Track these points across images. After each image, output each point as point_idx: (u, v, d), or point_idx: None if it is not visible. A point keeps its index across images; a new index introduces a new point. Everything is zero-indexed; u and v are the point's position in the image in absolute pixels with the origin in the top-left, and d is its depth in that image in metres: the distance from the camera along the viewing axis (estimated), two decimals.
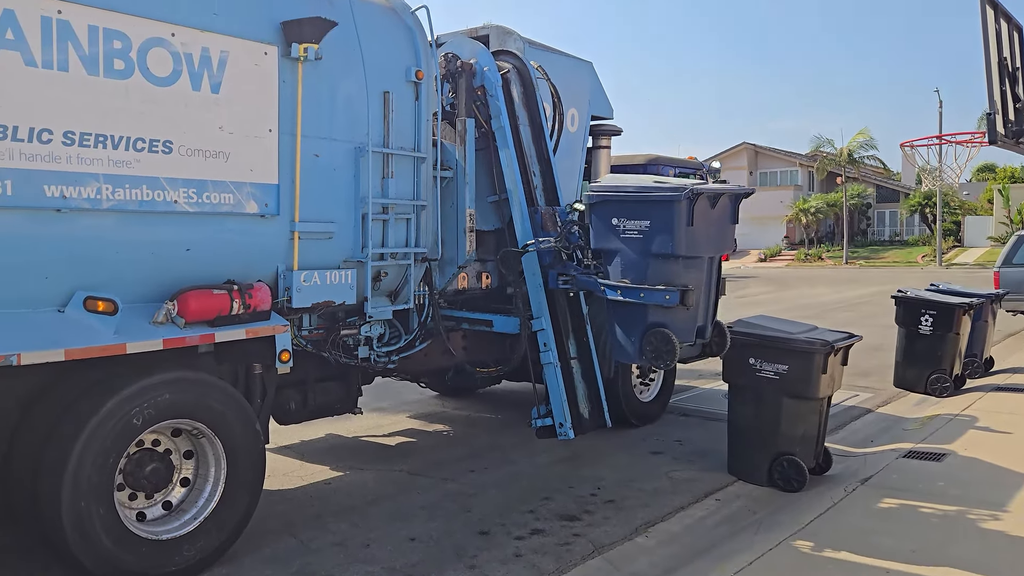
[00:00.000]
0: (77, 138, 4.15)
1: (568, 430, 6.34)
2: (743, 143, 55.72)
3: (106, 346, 4.27)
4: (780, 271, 40.45)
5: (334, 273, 5.44)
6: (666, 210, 5.30)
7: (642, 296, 5.46)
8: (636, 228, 5.44)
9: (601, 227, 5.64)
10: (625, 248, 5.49)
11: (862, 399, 9.69)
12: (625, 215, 5.45)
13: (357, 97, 5.53)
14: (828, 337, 6.32)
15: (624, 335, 5.66)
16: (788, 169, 55.77)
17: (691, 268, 5.45)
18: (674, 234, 5.28)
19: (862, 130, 46.95)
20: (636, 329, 5.55)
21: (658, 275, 5.38)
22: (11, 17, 3.88)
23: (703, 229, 5.40)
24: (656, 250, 5.35)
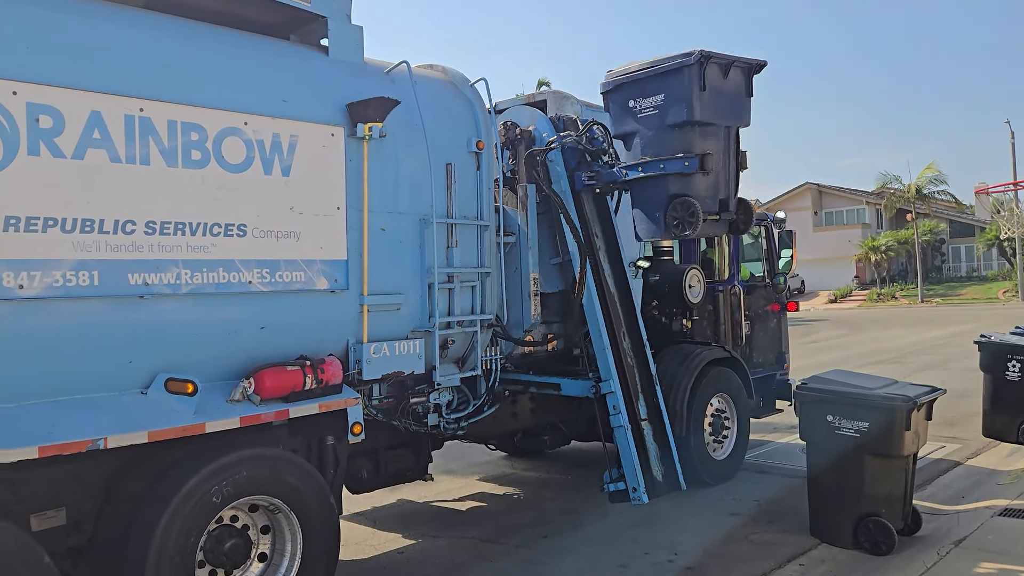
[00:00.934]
0: (158, 227, 4.34)
1: (642, 494, 6.23)
2: (806, 183, 54.90)
3: (186, 426, 4.38)
4: (852, 312, 39.32)
5: (402, 343, 5.52)
6: (678, 77, 5.40)
7: (662, 167, 5.60)
8: (651, 105, 5.58)
9: (619, 112, 5.79)
10: (643, 128, 5.61)
11: (949, 451, 9.27)
12: (640, 94, 5.60)
13: (420, 170, 5.67)
14: (910, 392, 6.09)
15: (648, 213, 5.77)
16: (854, 208, 54.60)
17: (708, 136, 5.55)
18: (688, 100, 5.38)
19: (930, 164, 45.75)
20: (659, 203, 5.62)
21: (676, 146, 5.48)
22: (98, 118, 4.12)
23: (717, 97, 5.46)
24: (672, 120, 5.46)
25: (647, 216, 5.81)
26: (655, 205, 5.71)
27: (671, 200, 5.58)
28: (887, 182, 46.75)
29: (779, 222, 9.47)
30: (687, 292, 8.14)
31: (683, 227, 5.52)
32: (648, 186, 5.77)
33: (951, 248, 54.50)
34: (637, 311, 6.96)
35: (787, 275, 9.55)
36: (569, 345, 7.30)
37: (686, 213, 5.47)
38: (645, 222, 5.86)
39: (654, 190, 5.71)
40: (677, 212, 5.52)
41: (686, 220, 5.47)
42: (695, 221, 5.44)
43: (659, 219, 5.65)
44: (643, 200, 5.87)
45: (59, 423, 4.02)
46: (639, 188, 5.83)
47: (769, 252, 9.56)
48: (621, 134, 5.90)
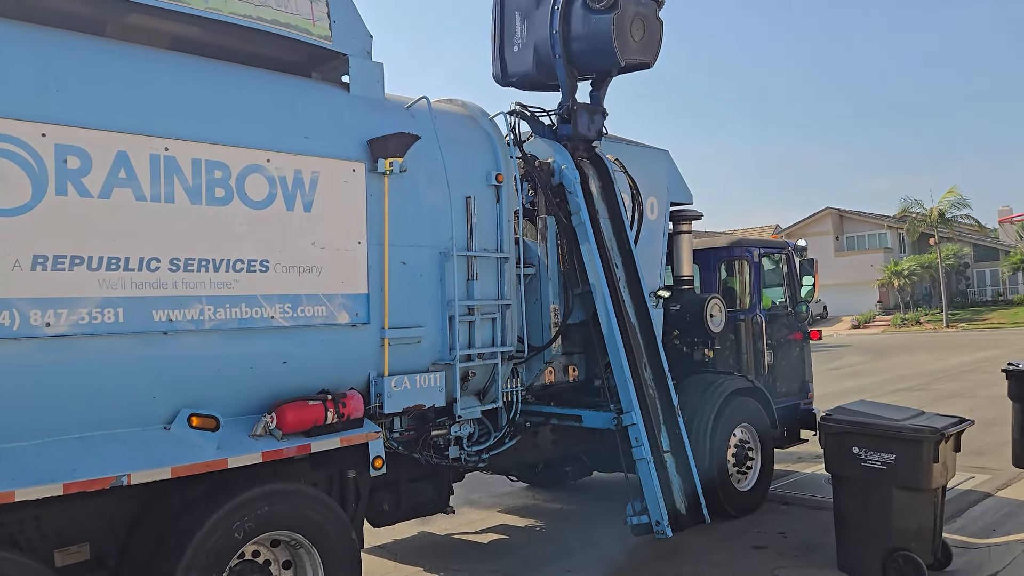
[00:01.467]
0: (182, 264, 4.39)
1: (665, 528, 6.15)
2: (826, 208, 54.65)
3: (209, 462, 4.40)
4: (876, 338, 38.87)
5: (423, 376, 5.52)
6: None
7: None
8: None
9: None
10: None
11: (979, 481, 9.09)
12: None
13: (440, 204, 5.71)
14: (937, 423, 6.00)
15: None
16: (876, 232, 54.22)
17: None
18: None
19: (951, 189, 45.38)
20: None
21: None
22: (124, 158, 4.19)
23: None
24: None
25: (589, 37, 6.80)
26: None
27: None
28: (909, 206, 46.42)
29: (800, 250, 9.42)
30: (708, 321, 8.10)
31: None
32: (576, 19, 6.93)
33: (975, 272, 53.88)
34: (658, 341, 6.92)
35: (809, 303, 9.47)
36: (590, 376, 7.27)
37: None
38: (591, 43, 6.81)
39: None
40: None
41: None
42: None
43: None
44: (580, 31, 6.87)
45: (83, 460, 4.05)
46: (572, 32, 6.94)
47: (790, 280, 9.50)
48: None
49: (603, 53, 6.88)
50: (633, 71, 7.32)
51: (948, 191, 45.12)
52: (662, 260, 8.02)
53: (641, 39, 6.95)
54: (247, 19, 4.93)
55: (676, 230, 8.44)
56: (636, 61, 7.08)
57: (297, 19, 5.17)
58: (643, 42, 6.99)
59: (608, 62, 6.99)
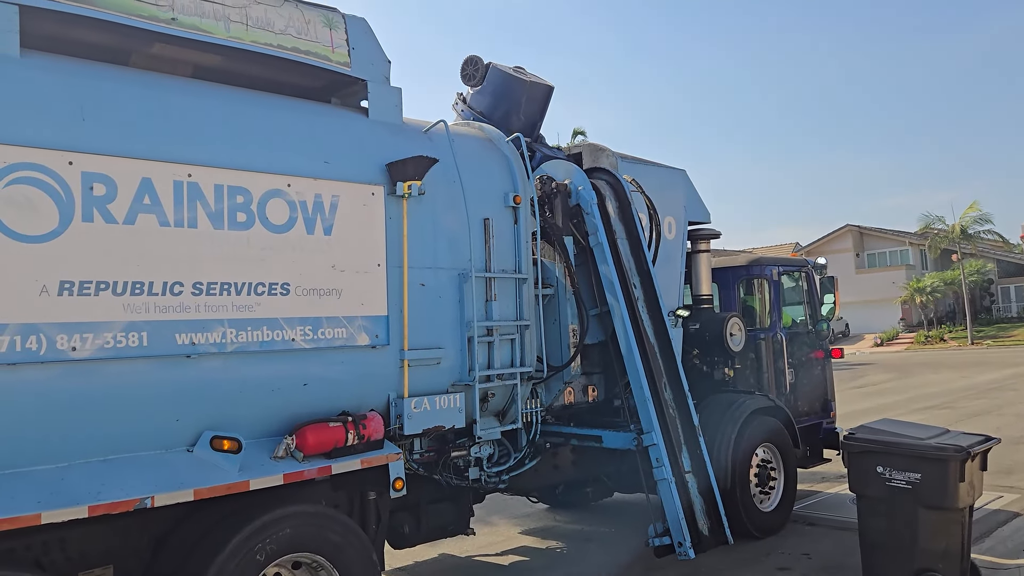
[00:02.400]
0: (204, 287, 4.46)
1: (688, 549, 6.10)
2: (847, 225, 54.26)
3: (231, 484, 4.43)
4: (899, 355, 38.42)
5: (443, 398, 5.54)
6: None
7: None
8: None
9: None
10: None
11: (1007, 501, 8.93)
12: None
13: (459, 226, 5.75)
14: (962, 441, 5.91)
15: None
16: (897, 249, 53.74)
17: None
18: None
19: (972, 204, 44.91)
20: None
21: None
22: (148, 184, 4.28)
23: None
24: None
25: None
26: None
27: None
28: (930, 223, 45.98)
29: (820, 268, 9.37)
30: (728, 340, 8.06)
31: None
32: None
33: (1000, 288, 53.19)
34: (678, 361, 6.90)
35: (830, 321, 9.41)
36: (610, 396, 7.25)
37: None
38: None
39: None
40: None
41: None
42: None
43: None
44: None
45: (108, 482, 4.09)
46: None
47: (811, 298, 9.44)
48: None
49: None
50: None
51: (969, 206, 44.68)
52: (681, 279, 8.01)
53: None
54: (267, 47, 5.03)
55: (694, 249, 8.44)
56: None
57: (316, 46, 5.26)
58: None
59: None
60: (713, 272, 8.70)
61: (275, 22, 5.06)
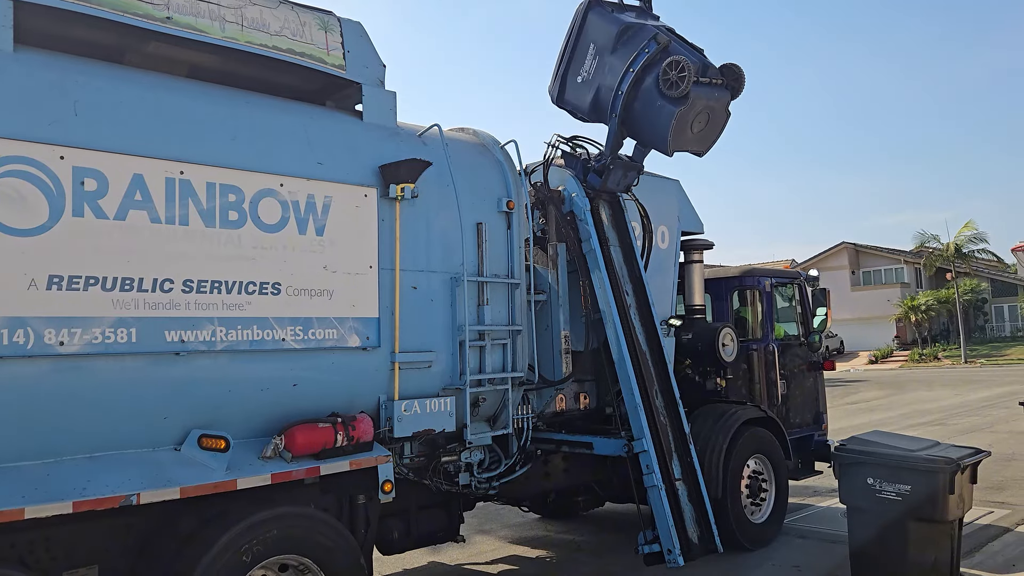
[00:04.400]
0: (195, 285, 4.45)
1: (677, 557, 6.07)
2: (842, 243, 54.43)
3: (218, 483, 4.40)
4: (893, 373, 38.45)
5: (433, 401, 5.52)
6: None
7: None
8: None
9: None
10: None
11: (998, 516, 8.91)
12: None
13: (452, 230, 5.76)
14: (952, 454, 5.93)
15: (648, 109, 6.50)
16: (892, 267, 53.89)
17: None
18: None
19: (968, 223, 45.09)
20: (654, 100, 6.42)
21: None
22: (140, 181, 4.28)
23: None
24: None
25: (649, 115, 6.35)
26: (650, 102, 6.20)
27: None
28: (925, 241, 46.15)
29: (812, 280, 9.39)
30: (721, 351, 8.06)
31: (674, 86, 5.89)
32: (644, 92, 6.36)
33: (994, 308, 53.33)
34: (669, 369, 6.89)
35: (822, 333, 9.41)
36: (602, 404, 7.24)
37: (676, 72, 5.80)
38: (649, 121, 6.40)
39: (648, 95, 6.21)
40: (669, 73, 5.89)
41: (676, 80, 5.82)
42: (686, 77, 5.81)
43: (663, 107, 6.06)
44: (642, 106, 6.44)
45: (94, 479, 4.07)
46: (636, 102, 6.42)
47: (803, 311, 9.45)
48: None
49: (657, 135, 6.65)
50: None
51: (964, 225, 44.86)
52: (673, 289, 8.02)
53: (700, 131, 6.71)
54: (263, 48, 5.04)
55: (687, 259, 8.44)
56: (687, 150, 6.93)
57: (312, 48, 5.27)
58: (701, 134, 6.74)
59: (658, 145, 6.77)
60: (706, 283, 8.71)
61: (270, 23, 5.07)
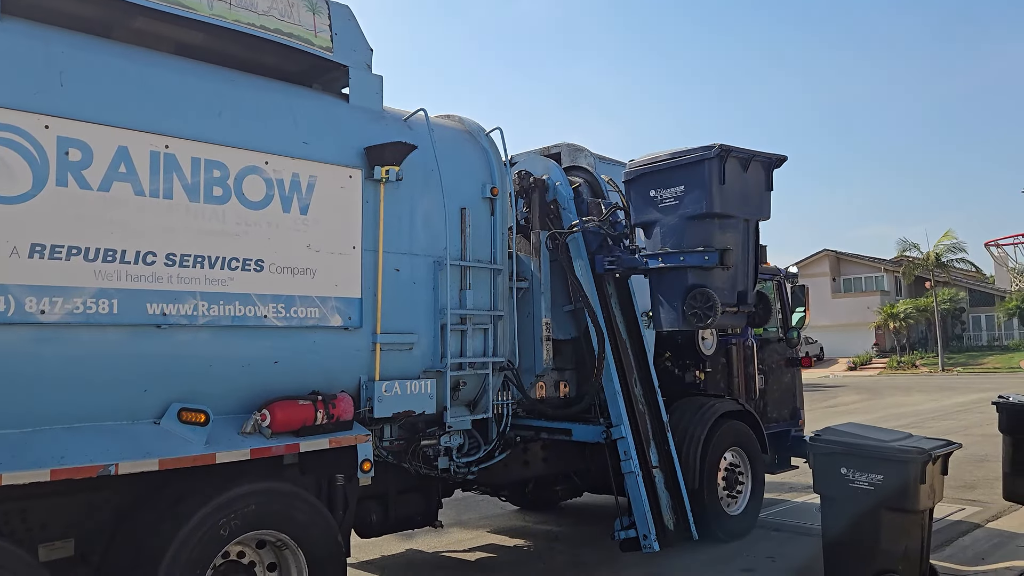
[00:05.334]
0: (178, 259, 4.46)
1: (653, 542, 6.13)
2: (824, 250, 54.91)
3: (197, 456, 4.41)
4: (872, 379, 38.80)
5: (414, 383, 5.56)
6: (698, 170, 5.40)
7: (682, 259, 5.58)
8: (672, 195, 5.55)
9: (640, 201, 5.78)
10: (663, 217, 5.60)
11: (969, 513, 9.06)
12: (661, 184, 5.59)
13: (435, 214, 5.79)
14: (925, 445, 6.01)
15: (668, 302, 5.74)
16: (873, 275, 54.44)
17: (727, 230, 5.49)
18: (708, 192, 5.35)
19: (947, 232, 45.69)
20: (678, 293, 5.62)
21: (696, 238, 5.44)
22: (124, 153, 4.28)
23: (737, 190, 5.40)
24: (691, 212, 5.43)
25: (667, 304, 5.81)
26: (674, 295, 5.72)
27: (690, 291, 5.59)
28: (905, 249, 46.68)
29: (792, 277, 9.49)
30: (700, 344, 8.14)
31: (701, 318, 5.52)
32: (668, 276, 5.76)
33: (971, 317, 54.00)
34: (649, 359, 6.96)
35: (800, 330, 9.52)
36: (581, 393, 7.29)
37: (704, 305, 5.49)
38: (665, 310, 5.84)
39: (674, 280, 5.71)
40: (696, 303, 5.54)
41: (704, 311, 5.48)
42: (713, 313, 5.45)
43: (678, 308, 5.64)
44: (663, 289, 5.85)
45: (72, 448, 4.07)
46: (659, 277, 5.80)
47: (782, 307, 9.56)
48: (642, 223, 5.89)
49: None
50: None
51: (944, 235, 45.41)
52: None
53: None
54: (250, 27, 5.05)
55: None
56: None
57: (299, 29, 5.30)
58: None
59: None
60: None
61: (258, 3, 5.09)
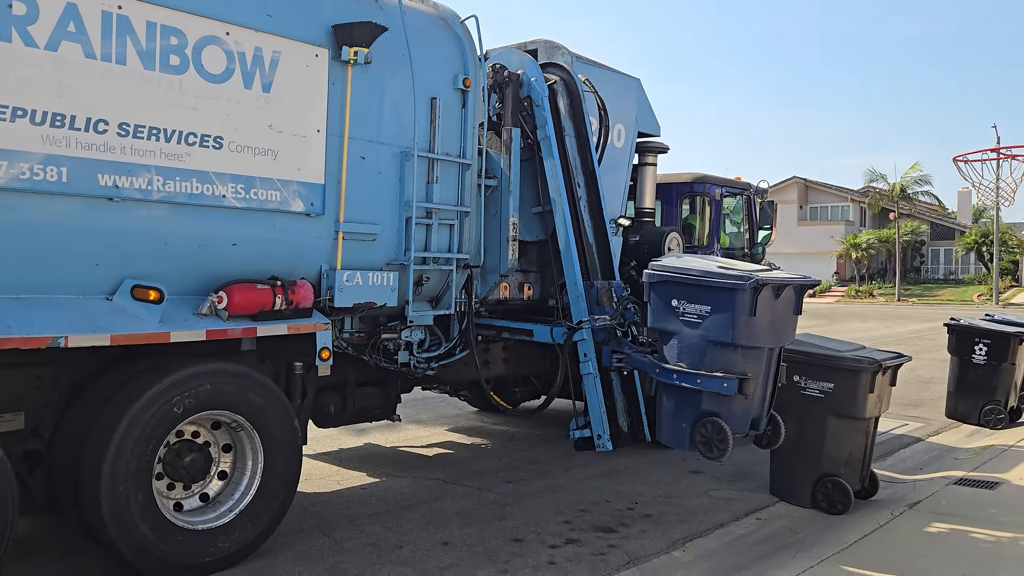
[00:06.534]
0: (131, 129, 4.26)
1: (606, 442, 6.25)
2: (793, 177, 55.08)
3: (151, 334, 4.34)
4: (830, 306, 39.63)
5: (376, 275, 5.48)
6: (729, 298, 5.04)
7: (699, 382, 5.19)
8: (696, 312, 5.18)
9: (660, 307, 5.37)
10: (684, 330, 5.22)
11: (912, 428, 9.40)
12: (685, 297, 5.21)
13: (404, 102, 5.60)
14: (876, 356, 6.16)
15: (674, 419, 5.35)
16: (839, 204, 54.92)
17: (750, 358, 5.16)
18: (735, 323, 5.01)
19: (914, 164, 46.27)
20: (688, 415, 5.22)
21: (716, 362, 5.09)
22: (74, 11, 4.03)
23: (766, 319, 5.10)
24: (715, 337, 5.09)
25: (673, 420, 5.38)
26: (685, 414, 5.28)
27: (702, 417, 5.18)
28: (872, 180, 47.06)
29: (761, 192, 9.49)
30: (666, 255, 8.14)
31: (710, 449, 5.10)
32: (680, 392, 5.32)
33: (930, 250, 55.03)
34: (614, 264, 6.94)
35: (766, 246, 9.58)
36: (545, 296, 7.29)
37: (716, 436, 5.08)
38: (670, 424, 5.42)
39: (687, 398, 5.26)
40: (706, 431, 5.12)
41: (715, 443, 5.08)
42: (724, 447, 5.06)
43: (686, 431, 5.22)
44: (674, 403, 5.40)
45: (20, 319, 3.96)
46: (670, 388, 5.39)
47: (749, 222, 9.58)
48: (659, 329, 5.45)
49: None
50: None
51: (911, 167, 45.90)
52: (625, 189, 8.01)
53: None
54: None
55: (642, 161, 8.42)
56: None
57: None
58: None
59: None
60: (657, 187, 8.72)
61: None
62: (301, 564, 4.83)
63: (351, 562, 4.89)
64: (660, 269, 5.47)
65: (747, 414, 5.28)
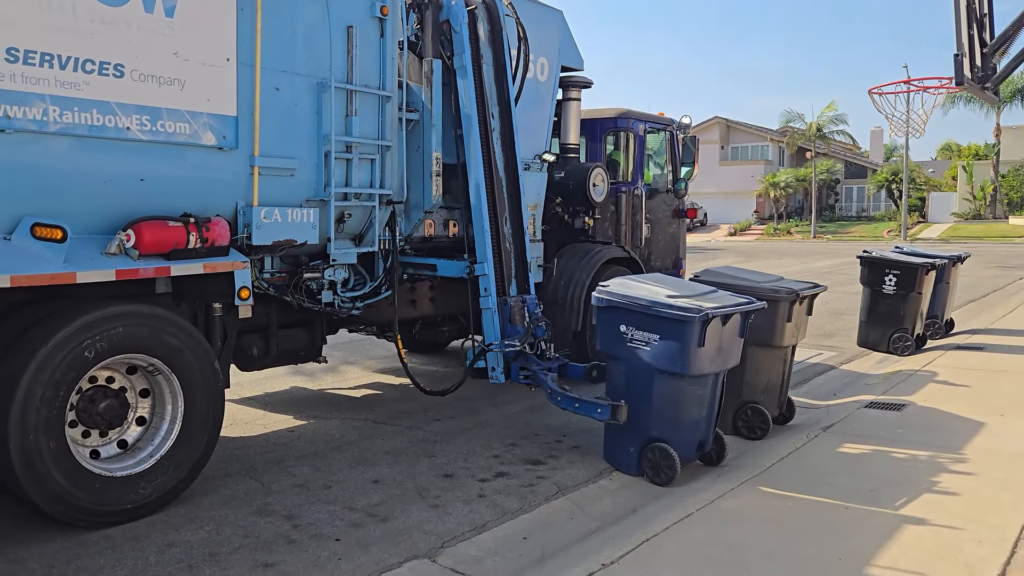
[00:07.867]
0: (21, 55, 3.96)
1: (499, 375, 6.24)
2: (715, 117, 55.84)
3: (55, 274, 4.12)
4: (749, 244, 40.77)
5: (296, 211, 5.32)
6: (677, 329, 5.07)
7: (577, 407, 5.55)
8: (643, 339, 5.20)
9: (608, 332, 5.40)
10: (632, 357, 5.25)
11: (826, 357, 9.79)
12: (634, 324, 5.23)
13: (319, 30, 5.37)
14: (793, 286, 6.34)
15: (622, 443, 5.40)
16: (759, 144, 56.04)
17: (695, 385, 5.24)
18: (683, 353, 5.06)
19: (830, 104, 47.39)
20: (634, 437, 5.28)
21: (664, 388, 5.16)
22: None
23: (713, 347, 5.16)
24: (664, 367, 5.13)
25: (620, 445, 5.40)
26: (629, 439, 5.31)
27: (649, 442, 5.20)
28: (790, 120, 48.11)
29: (684, 128, 9.54)
30: (591, 191, 8.16)
31: (658, 472, 5.13)
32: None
33: (844, 188, 56.91)
34: (522, 199, 6.79)
35: (687, 182, 9.69)
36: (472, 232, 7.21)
37: (664, 461, 5.13)
38: (616, 443, 5.45)
39: (630, 422, 5.27)
40: (654, 456, 5.16)
41: (662, 467, 5.13)
42: (672, 473, 5.10)
43: (633, 455, 5.25)
44: (618, 431, 5.40)
45: None
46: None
47: (672, 158, 9.66)
48: (607, 353, 5.44)
49: None
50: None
51: (827, 106, 46.91)
52: (549, 124, 7.93)
53: None
54: None
55: (566, 96, 8.35)
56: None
57: None
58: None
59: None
60: (581, 123, 8.68)
61: None
62: (227, 507, 4.76)
63: (279, 503, 4.84)
64: (608, 295, 5.41)
65: (694, 437, 5.36)
